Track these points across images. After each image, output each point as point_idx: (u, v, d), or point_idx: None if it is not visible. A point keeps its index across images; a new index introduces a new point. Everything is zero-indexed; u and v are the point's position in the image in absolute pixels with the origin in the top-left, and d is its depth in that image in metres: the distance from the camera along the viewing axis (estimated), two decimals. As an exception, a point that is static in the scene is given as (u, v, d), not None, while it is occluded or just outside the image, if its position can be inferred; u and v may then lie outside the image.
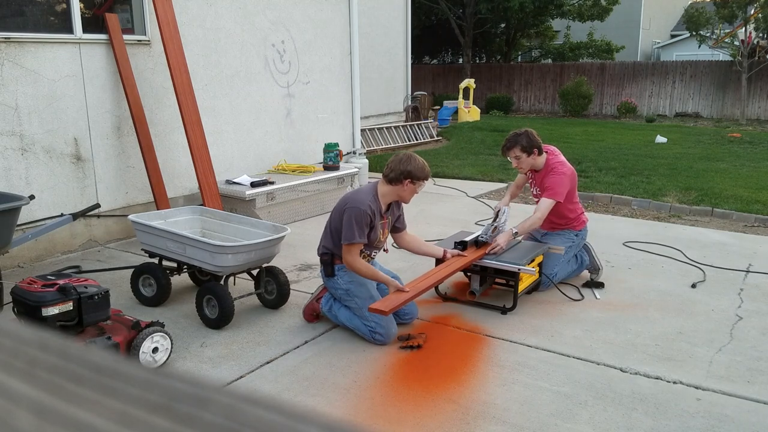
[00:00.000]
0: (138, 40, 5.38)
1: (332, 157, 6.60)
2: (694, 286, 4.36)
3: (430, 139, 12.58)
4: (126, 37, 5.29)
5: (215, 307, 3.56)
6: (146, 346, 3.05)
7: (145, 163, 5.27)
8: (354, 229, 3.44)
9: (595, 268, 4.50)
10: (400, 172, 3.55)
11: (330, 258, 3.61)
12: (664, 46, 28.01)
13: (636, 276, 4.58)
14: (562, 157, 4.40)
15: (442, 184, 8.10)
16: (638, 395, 2.88)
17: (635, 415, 2.72)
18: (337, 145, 6.72)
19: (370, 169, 8.13)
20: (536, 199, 4.45)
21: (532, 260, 3.98)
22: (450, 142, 12.49)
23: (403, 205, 3.84)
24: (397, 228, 3.86)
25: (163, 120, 5.60)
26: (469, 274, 4.07)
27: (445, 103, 16.86)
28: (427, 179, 3.63)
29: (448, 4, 20.87)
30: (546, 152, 4.36)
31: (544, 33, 24.70)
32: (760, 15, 17.24)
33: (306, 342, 3.44)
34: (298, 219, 6.16)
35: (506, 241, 4.09)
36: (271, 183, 5.91)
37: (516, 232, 4.18)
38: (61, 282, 2.94)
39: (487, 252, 4.01)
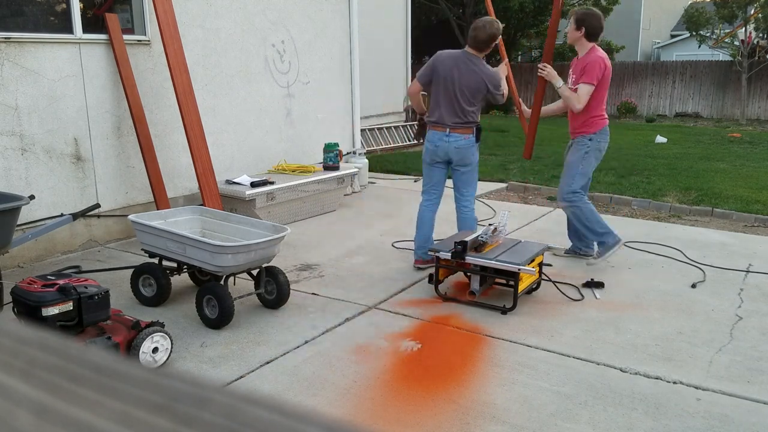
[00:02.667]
0: (138, 40, 5.38)
1: (332, 157, 6.60)
2: (694, 286, 4.36)
3: (430, 139, 12.57)
4: (126, 37, 5.29)
5: (215, 307, 3.56)
6: (146, 346, 3.05)
7: (145, 163, 5.27)
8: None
9: (586, 250, 4.78)
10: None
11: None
12: (664, 46, 28.01)
13: (636, 276, 4.58)
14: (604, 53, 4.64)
15: (442, 184, 8.09)
16: (638, 395, 2.88)
17: (635, 415, 2.72)
18: (337, 145, 6.72)
19: (370, 170, 8.13)
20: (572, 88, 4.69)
21: (532, 260, 3.98)
22: (450, 142, 12.48)
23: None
24: None
25: (163, 120, 5.60)
26: (469, 274, 4.07)
27: (445, 103, 16.83)
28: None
29: (448, 4, 20.87)
30: (595, 46, 4.59)
31: (544, 33, 24.67)
32: (760, 15, 17.23)
33: (306, 342, 3.43)
34: (298, 219, 6.16)
35: (552, 75, 4.69)
36: (271, 183, 5.91)
37: (560, 86, 4.68)
38: (61, 282, 2.94)
39: (540, 71, 4.71)
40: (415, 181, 8.35)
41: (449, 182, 4.85)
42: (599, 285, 4.31)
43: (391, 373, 3.08)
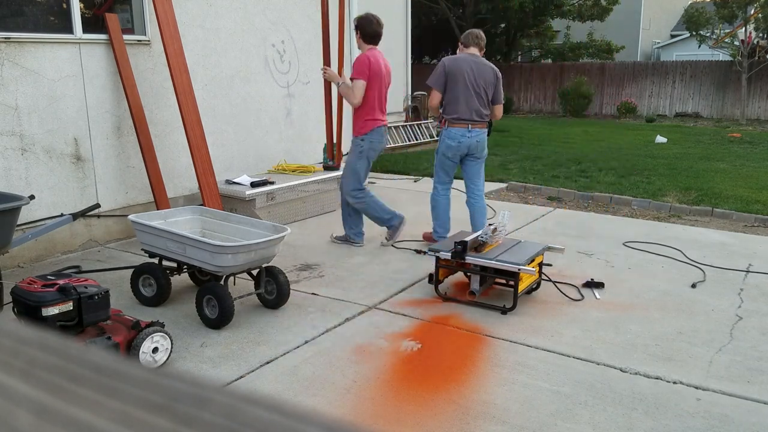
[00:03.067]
0: (138, 40, 5.38)
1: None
2: (694, 286, 4.36)
3: (430, 139, 12.58)
4: (126, 37, 5.29)
5: (215, 307, 3.56)
6: (146, 346, 3.05)
7: (145, 163, 5.27)
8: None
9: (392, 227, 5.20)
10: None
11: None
12: (664, 46, 28.02)
13: (636, 276, 4.58)
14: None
15: (442, 184, 8.09)
16: (638, 395, 2.88)
17: (635, 415, 2.72)
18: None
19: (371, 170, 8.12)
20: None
21: (532, 260, 3.98)
22: (450, 142, 12.47)
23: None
24: None
25: (163, 120, 5.60)
26: (469, 274, 4.07)
27: (445, 103, 16.82)
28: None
29: (448, 4, 20.87)
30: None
31: (544, 33, 24.68)
32: (760, 15, 17.23)
33: (306, 342, 3.44)
34: (298, 219, 6.16)
35: (333, 76, 5.18)
36: (271, 183, 5.91)
37: (339, 84, 5.07)
38: (61, 282, 2.94)
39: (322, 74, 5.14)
40: (415, 181, 8.35)
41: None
42: (599, 285, 4.31)
43: (391, 373, 3.08)
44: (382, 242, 5.29)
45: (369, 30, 5.09)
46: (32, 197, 4.02)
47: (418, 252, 5.08)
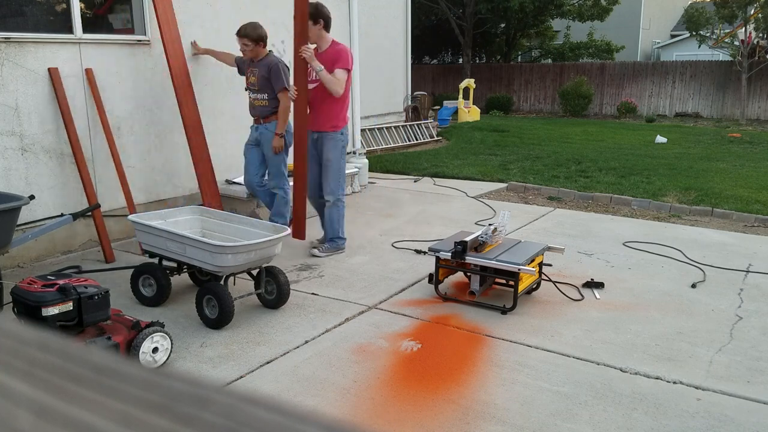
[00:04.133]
0: (138, 40, 5.38)
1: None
2: (694, 286, 4.36)
3: (430, 139, 12.58)
4: (126, 37, 5.29)
5: (215, 307, 3.56)
6: (146, 346, 3.05)
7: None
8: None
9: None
10: None
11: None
12: (664, 46, 28.01)
13: (636, 276, 4.58)
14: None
15: (442, 184, 8.10)
16: (638, 395, 2.88)
17: (635, 415, 2.72)
18: (337, 145, 6.71)
19: (370, 169, 8.13)
20: (313, 85, 4.82)
21: (532, 260, 3.98)
22: (450, 142, 12.49)
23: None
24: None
25: (163, 120, 5.60)
26: (469, 274, 4.07)
27: (445, 103, 16.86)
28: (238, 35, 5.00)
29: (448, 4, 20.86)
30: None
31: (544, 33, 24.70)
32: (760, 15, 17.23)
33: (306, 342, 3.44)
34: (298, 219, 6.15)
35: (313, 57, 4.69)
36: (271, 183, 5.90)
37: (321, 70, 4.67)
38: (61, 282, 2.94)
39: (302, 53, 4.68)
40: (415, 181, 8.35)
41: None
42: (599, 285, 4.31)
43: (391, 373, 3.08)
44: (314, 253, 5.00)
45: (329, 19, 4.88)
46: (32, 197, 4.02)
47: (418, 252, 5.08)
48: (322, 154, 4.94)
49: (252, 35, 4.95)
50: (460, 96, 16.54)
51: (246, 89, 5.22)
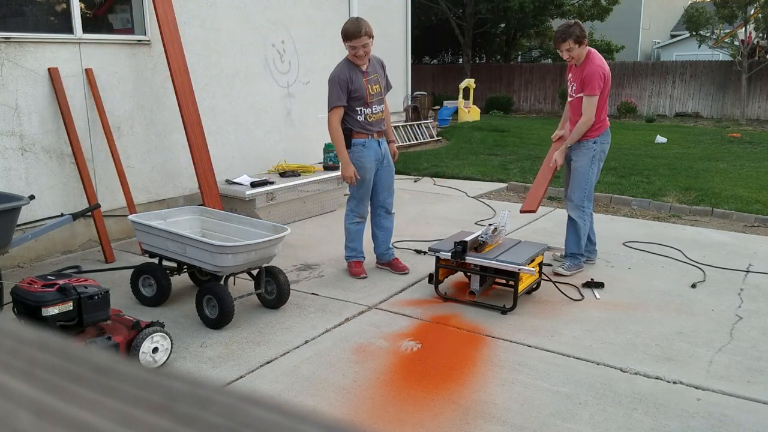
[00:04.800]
0: (138, 40, 5.38)
1: (332, 157, 6.59)
2: (694, 286, 4.36)
3: (430, 139, 12.58)
4: (126, 37, 5.29)
5: (215, 307, 3.56)
6: (146, 346, 3.05)
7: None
8: (331, 95, 4.21)
9: (590, 253, 4.75)
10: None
11: (349, 132, 4.29)
12: (664, 46, 28.02)
13: (636, 276, 4.58)
14: (601, 56, 4.60)
15: (442, 184, 8.10)
16: (638, 395, 2.88)
17: (635, 415, 2.72)
18: (337, 145, 6.71)
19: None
20: (570, 98, 4.69)
21: (532, 260, 3.98)
22: (450, 142, 12.49)
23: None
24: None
25: (163, 120, 5.60)
26: (469, 274, 4.07)
27: (445, 103, 16.85)
28: (349, 39, 4.16)
29: (448, 4, 20.86)
30: (587, 47, 4.56)
31: (544, 33, 24.68)
32: (760, 15, 17.23)
33: (306, 342, 3.44)
34: (298, 219, 6.16)
35: (562, 156, 4.57)
36: (271, 183, 5.91)
37: (568, 145, 4.55)
38: (61, 282, 2.94)
39: (551, 177, 4.68)
40: (415, 181, 8.35)
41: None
42: (599, 285, 4.31)
43: (391, 373, 3.08)
44: (558, 270, 4.54)
45: (583, 33, 4.43)
46: (32, 197, 4.02)
47: (418, 252, 5.08)
48: (572, 162, 4.64)
49: (371, 31, 4.24)
50: (460, 96, 16.53)
51: (366, 105, 4.29)
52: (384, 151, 4.42)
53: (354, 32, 4.13)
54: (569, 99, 4.70)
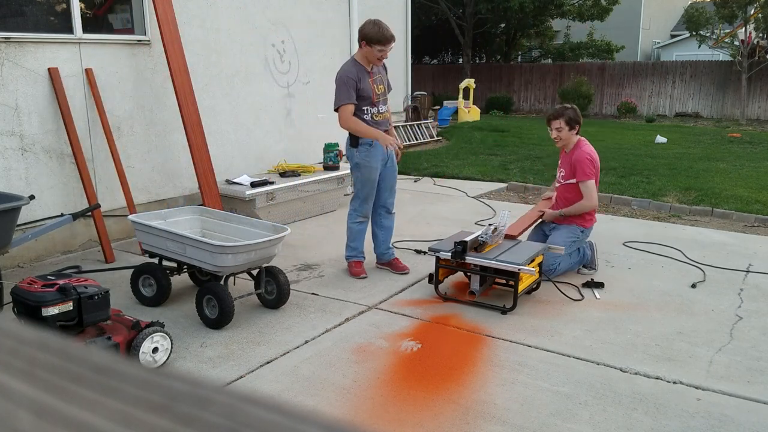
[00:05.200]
0: (138, 40, 5.38)
1: (332, 156, 6.60)
2: (694, 286, 4.36)
3: (430, 139, 12.58)
4: (126, 37, 5.29)
5: (215, 307, 3.56)
6: (146, 346, 3.05)
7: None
8: (340, 93, 4.10)
9: (591, 266, 4.59)
10: (360, 34, 4.12)
11: (353, 137, 4.28)
12: (664, 46, 28.02)
13: (636, 276, 4.58)
14: (591, 146, 4.67)
15: (442, 184, 8.10)
16: (638, 395, 2.88)
17: (635, 415, 2.72)
18: (337, 145, 6.72)
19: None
20: (557, 184, 4.74)
21: (532, 260, 3.98)
22: (450, 142, 12.49)
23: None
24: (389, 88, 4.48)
25: (163, 120, 5.60)
26: (469, 274, 4.07)
27: (445, 103, 16.85)
28: (381, 43, 4.09)
29: (448, 4, 20.86)
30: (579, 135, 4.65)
31: (544, 33, 24.69)
32: (760, 15, 17.23)
33: (306, 342, 3.44)
34: (298, 219, 6.16)
35: (551, 217, 4.60)
36: (271, 183, 5.91)
37: (563, 213, 4.58)
38: (61, 282, 2.94)
39: (539, 218, 4.66)
40: (415, 181, 8.35)
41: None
42: (599, 285, 4.31)
43: (391, 373, 3.08)
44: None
45: (577, 117, 4.55)
46: (32, 197, 4.02)
47: (418, 252, 5.08)
48: (551, 232, 4.65)
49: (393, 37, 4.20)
50: (460, 96, 16.53)
51: (372, 105, 4.28)
52: (389, 152, 4.41)
53: (389, 37, 4.11)
54: (556, 184, 4.79)
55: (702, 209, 6.68)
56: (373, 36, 4.08)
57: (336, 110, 4.20)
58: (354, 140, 4.29)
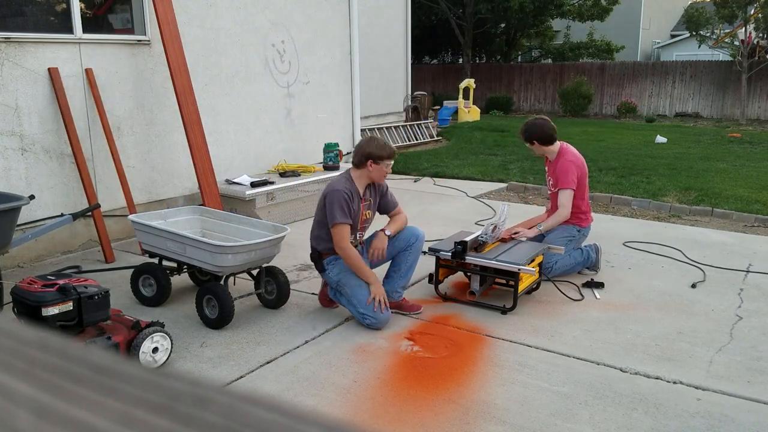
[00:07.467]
0: (138, 40, 5.38)
1: (332, 157, 6.60)
2: (694, 286, 4.36)
3: (430, 139, 12.58)
4: (126, 37, 5.29)
5: (215, 307, 3.56)
6: (146, 346, 3.05)
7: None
8: (335, 211, 3.61)
9: (594, 268, 4.59)
10: (361, 155, 3.72)
11: (317, 255, 3.80)
12: (664, 46, 28.02)
13: (636, 276, 4.58)
14: (574, 149, 4.66)
15: (442, 184, 8.10)
16: (638, 395, 2.88)
17: (635, 415, 2.72)
18: (337, 145, 6.72)
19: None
20: (550, 191, 4.73)
21: (532, 260, 3.98)
22: (450, 142, 12.49)
23: (388, 187, 3.96)
24: (385, 209, 4.01)
25: (163, 120, 5.60)
26: (469, 274, 4.07)
27: (445, 103, 16.86)
28: (390, 157, 3.75)
29: (448, 4, 20.86)
30: (559, 142, 4.63)
31: (544, 33, 24.69)
32: (760, 15, 17.23)
33: (306, 342, 3.44)
34: (298, 219, 6.15)
35: (533, 234, 4.46)
36: (271, 183, 5.91)
37: (541, 229, 4.47)
38: (61, 282, 2.94)
39: (510, 237, 4.36)
40: (415, 181, 8.35)
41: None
42: (599, 285, 4.31)
43: (391, 373, 3.08)
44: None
45: (541, 137, 4.57)
46: (32, 197, 4.02)
47: None
48: (546, 237, 4.56)
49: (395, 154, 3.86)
50: (460, 96, 16.53)
51: (354, 230, 3.77)
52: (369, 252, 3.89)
53: (393, 149, 3.81)
54: (549, 192, 4.81)
55: (702, 209, 6.68)
56: (380, 153, 3.70)
57: (330, 227, 3.69)
58: (319, 262, 3.79)
